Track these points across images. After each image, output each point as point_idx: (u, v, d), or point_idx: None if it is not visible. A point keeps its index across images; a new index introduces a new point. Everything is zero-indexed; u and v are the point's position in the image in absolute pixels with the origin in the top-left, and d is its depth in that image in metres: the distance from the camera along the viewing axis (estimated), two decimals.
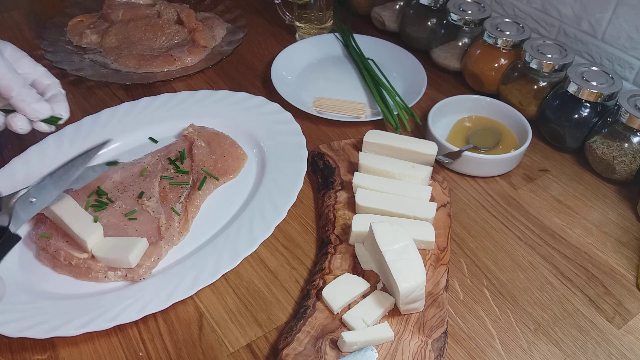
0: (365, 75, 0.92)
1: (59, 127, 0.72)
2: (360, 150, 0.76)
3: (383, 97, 0.86)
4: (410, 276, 0.54)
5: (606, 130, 0.74)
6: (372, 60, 0.96)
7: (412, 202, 0.67)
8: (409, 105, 0.85)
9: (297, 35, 1.04)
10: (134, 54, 0.95)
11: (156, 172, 0.73)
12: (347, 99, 0.89)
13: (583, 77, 0.76)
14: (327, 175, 0.74)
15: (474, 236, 0.68)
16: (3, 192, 0.68)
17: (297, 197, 0.69)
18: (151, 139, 0.79)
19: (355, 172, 0.71)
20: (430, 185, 0.72)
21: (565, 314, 0.60)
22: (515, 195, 0.74)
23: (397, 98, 0.86)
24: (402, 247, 0.57)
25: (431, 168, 0.72)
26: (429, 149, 0.73)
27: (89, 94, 0.89)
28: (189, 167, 0.74)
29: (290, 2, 1.01)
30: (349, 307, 0.58)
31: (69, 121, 0.80)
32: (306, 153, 0.75)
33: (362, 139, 0.74)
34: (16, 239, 0.55)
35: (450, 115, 0.84)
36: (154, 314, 0.58)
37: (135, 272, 0.60)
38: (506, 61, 0.86)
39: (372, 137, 0.74)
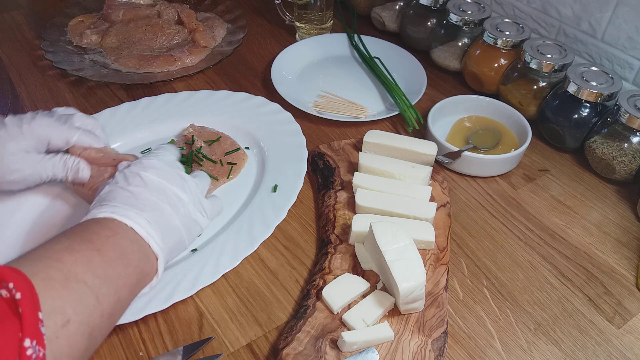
0: (377, 75, 0.91)
1: None
2: (360, 150, 0.76)
3: (398, 95, 0.85)
4: (410, 276, 0.55)
5: (606, 130, 0.74)
6: (378, 58, 0.96)
7: (412, 202, 0.67)
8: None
9: (297, 36, 1.05)
10: (134, 54, 0.95)
11: None
12: (348, 98, 0.89)
13: (583, 77, 0.76)
14: (327, 175, 0.74)
15: (473, 236, 0.68)
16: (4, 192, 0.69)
17: (297, 197, 0.69)
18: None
19: (355, 172, 0.71)
20: (430, 185, 0.72)
21: (565, 314, 0.60)
22: (515, 195, 0.74)
23: (404, 97, 0.85)
24: (402, 247, 0.57)
25: (431, 168, 0.72)
26: (428, 149, 0.73)
27: (89, 94, 0.89)
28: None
29: (290, 2, 1.01)
30: (349, 307, 0.58)
31: None
32: (306, 153, 0.75)
33: (362, 139, 0.74)
34: None
35: (450, 115, 0.84)
36: (154, 314, 0.58)
37: None
38: (506, 61, 0.86)
39: (372, 137, 0.74)
